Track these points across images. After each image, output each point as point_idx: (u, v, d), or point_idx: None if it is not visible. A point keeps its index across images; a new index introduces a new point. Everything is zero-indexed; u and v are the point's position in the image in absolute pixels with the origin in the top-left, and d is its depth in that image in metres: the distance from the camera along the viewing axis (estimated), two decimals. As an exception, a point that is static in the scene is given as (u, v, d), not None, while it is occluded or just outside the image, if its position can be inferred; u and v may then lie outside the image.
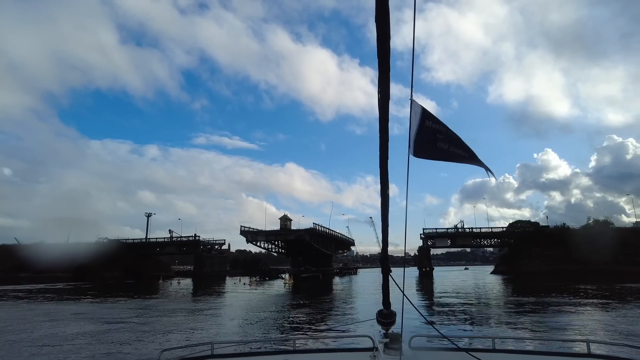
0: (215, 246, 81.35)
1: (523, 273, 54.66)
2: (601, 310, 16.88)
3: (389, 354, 2.25)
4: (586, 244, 54.10)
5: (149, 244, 78.46)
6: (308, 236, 59.60)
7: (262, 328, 14.23)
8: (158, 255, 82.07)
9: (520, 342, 5.68)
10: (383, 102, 1.79)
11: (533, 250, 58.00)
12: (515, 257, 59.80)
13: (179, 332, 13.15)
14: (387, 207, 2.20)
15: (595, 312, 16.44)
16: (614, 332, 11.97)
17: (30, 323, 15.26)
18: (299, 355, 2.69)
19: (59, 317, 17.09)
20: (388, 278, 2.43)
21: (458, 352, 2.39)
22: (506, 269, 60.94)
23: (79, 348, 10.65)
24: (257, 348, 4.55)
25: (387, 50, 1.60)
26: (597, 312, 16.60)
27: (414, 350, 2.43)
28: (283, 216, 70.31)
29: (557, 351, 2.74)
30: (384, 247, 2.41)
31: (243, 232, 59.47)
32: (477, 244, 68.03)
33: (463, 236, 65.48)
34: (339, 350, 2.94)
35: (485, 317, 16.24)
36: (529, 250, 58.12)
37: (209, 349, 2.62)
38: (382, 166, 2.06)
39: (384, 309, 2.47)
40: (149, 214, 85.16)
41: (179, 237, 77.66)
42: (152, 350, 10.12)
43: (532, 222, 64.47)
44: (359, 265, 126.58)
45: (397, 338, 2.33)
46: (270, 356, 2.88)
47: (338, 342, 6.48)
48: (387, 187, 2.13)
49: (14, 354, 10.05)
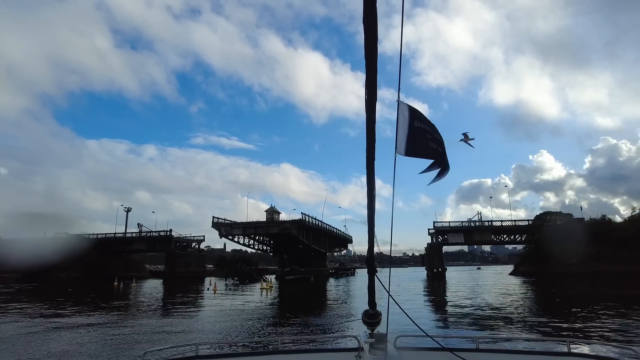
0: (193, 243, 71.01)
1: (554, 274, 45.20)
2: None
3: (374, 354, 2.27)
4: (634, 239, 44.68)
5: (116, 240, 67.95)
6: (295, 229, 48.72)
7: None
8: (129, 253, 71.80)
9: (504, 342, 6.56)
10: (370, 103, 1.77)
11: (567, 248, 48.07)
12: (544, 256, 49.87)
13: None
14: (373, 208, 2.18)
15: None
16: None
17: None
18: (285, 356, 2.68)
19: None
20: (374, 278, 2.44)
21: (443, 352, 2.43)
22: (531, 270, 51.31)
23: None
24: (242, 349, 5.31)
25: (375, 52, 1.60)
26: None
27: (399, 350, 2.45)
28: (269, 208, 60.01)
29: (539, 350, 2.85)
30: (370, 247, 2.40)
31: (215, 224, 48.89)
32: (498, 240, 57.85)
33: (481, 231, 55.26)
34: (325, 351, 2.98)
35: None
36: (562, 248, 48.14)
37: (193, 350, 2.61)
38: (368, 167, 2.02)
39: (369, 309, 2.47)
40: (128, 208, 74.78)
41: (148, 232, 67.21)
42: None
43: (564, 213, 54.44)
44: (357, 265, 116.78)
45: (382, 338, 2.34)
46: (255, 357, 2.85)
47: (324, 342, 5.75)
48: (373, 187, 2.10)
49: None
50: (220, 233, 49.73)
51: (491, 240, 58.88)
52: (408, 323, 2.49)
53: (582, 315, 15.02)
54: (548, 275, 46.22)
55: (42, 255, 51.88)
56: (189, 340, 11.39)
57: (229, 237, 50.90)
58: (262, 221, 51.89)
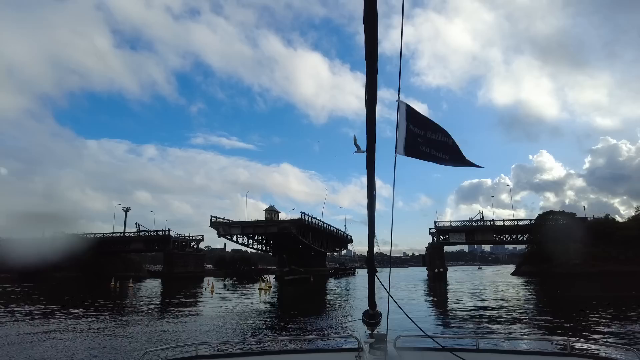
0: (192, 243, 70.27)
1: (558, 274, 44.39)
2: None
3: (374, 354, 2.26)
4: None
5: (113, 240, 67.12)
6: (294, 229, 47.85)
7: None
8: (127, 253, 71.02)
9: (504, 342, 5.81)
10: (370, 103, 1.75)
11: (570, 247, 47.34)
12: (547, 256, 49.08)
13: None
14: (373, 208, 2.17)
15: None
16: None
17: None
18: (285, 356, 2.67)
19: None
20: (374, 278, 2.42)
21: (443, 352, 2.42)
22: (534, 270, 50.58)
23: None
24: (242, 349, 5.27)
25: (375, 52, 1.58)
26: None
27: (399, 351, 2.45)
28: (268, 208, 59.18)
29: (539, 350, 2.94)
30: (370, 247, 2.41)
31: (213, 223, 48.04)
32: (500, 239, 57.01)
33: (483, 230, 54.40)
34: (325, 351, 2.96)
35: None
36: (566, 247, 47.39)
37: (193, 350, 2.60)
38: (368, 167, 2.02)
39: (369, 309, 2.46)
40: (126, 208, 73.90)
41: (146, 232, 66.41)
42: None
43: (567, 212, 53.60)
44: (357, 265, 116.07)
45: (382, 338, 2.33)
46: (255, 357, 2.85)
47: (324, 342, 6.04)
48: (373, 187, 2.11)
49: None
50: (219, 232, 48.90)
51: (493, 240, 58.04)
52: (408, 323, 2.45)
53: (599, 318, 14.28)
54: (552, 275, 45.43)
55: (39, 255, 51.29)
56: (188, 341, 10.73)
57: (227, 236, 50.04)
58: (260, 220, 51.07)
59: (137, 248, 68.33)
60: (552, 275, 45.18)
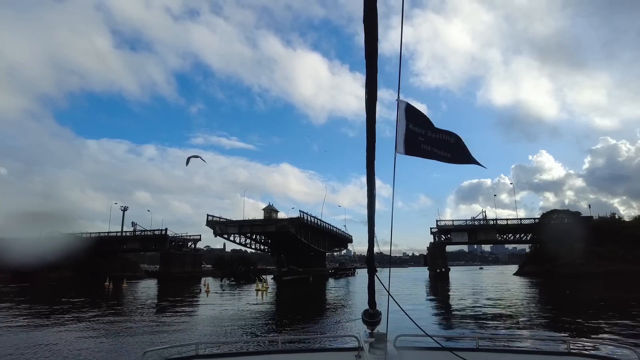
0: (189, 243, 69.15)
1: (562, 275, 43.41)
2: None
3: (374, 353, 2.25)
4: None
5: (109, 239, 66.03)
6: (293, 228, 46.76)
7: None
8: (123, 252, 69.93)
9: (503, 342, 6.20)
10: (370, 103, 1.76)
11: (575, 247, 46.25)
12: (551, 255, 48.01)
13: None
14: (373, 208, 2.16)
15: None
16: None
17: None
18: (285, 355, 2.67)
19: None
20: (374, 277, 2.43)
21: (443, 352, 2.43)
22: (537, 270, 49.56)
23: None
24: (242, 348, 5.23)
25: (375, 52, 1.59)
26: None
27: (399, 350, 2.44)
28: (267, 207, 58.09)
29: (539, 350, 2.90)
30: (370, 247, 2.41)
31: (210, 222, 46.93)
32: (503, 239, 55.93)
33: (486, 230, 53.29)
34: (325, 350, 2.98)
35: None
36: (570, 247, 46.31)
37: (193, 350, 2.59)
38: (368, 167, 2.01)
39: (369, 308, 2.45)
40: (124, 207, 72.95)
41: (143, 232, 65.30)
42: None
43: (571, 211, 52.52)
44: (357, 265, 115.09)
45: (382, 338, 2.32)
46: (255, 356, 2.87)
47: (323, 341, 5.80)
48: (373, 187, 2.09)
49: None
50: (215, 231, 47.81)
51: (496, 240, 56.97)
52: (408, 323, 2.43)
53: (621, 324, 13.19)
54: (556, 275, 44.44)
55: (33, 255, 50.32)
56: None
57: (224, 235, 48.93)
58: (258, 219, 49.99)
59: (133, 247, 67.26)
60: (557, 275, 44.19)
